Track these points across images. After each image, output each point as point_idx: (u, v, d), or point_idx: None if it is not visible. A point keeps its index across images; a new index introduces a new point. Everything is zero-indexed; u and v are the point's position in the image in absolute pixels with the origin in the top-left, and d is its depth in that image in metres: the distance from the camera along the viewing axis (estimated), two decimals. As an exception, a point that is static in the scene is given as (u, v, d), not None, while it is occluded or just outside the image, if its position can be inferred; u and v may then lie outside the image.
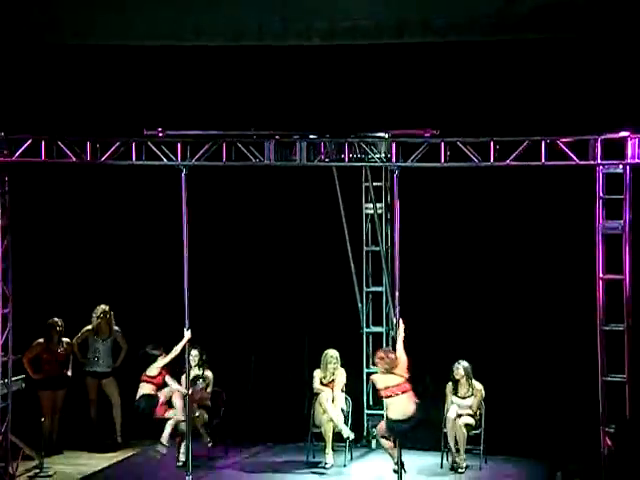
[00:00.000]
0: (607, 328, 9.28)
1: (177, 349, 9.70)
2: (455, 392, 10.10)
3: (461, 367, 10.06)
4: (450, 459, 10.03)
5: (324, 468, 10.05)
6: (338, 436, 10.28)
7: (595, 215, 9.30)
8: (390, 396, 9.26)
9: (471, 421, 10.02)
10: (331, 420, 10.08)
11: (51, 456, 10.36)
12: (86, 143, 9.53)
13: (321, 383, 10.32)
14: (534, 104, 9.99)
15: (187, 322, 9.54)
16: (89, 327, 10.95)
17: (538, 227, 10.52)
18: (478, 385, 10.11)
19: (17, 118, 10.09)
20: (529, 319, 10.55)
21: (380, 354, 9.40)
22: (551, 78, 9.98)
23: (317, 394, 10.23)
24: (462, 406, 10.05)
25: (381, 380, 9.33)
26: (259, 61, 10.36)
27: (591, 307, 9.36)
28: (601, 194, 9.31)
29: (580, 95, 9.86)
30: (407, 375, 9.29)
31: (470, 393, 10.07)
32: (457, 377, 10.09)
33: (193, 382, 10.06)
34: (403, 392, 9.23)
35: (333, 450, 10.16)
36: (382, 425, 9.52)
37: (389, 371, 9.26)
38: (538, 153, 9.21)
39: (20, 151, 9.52)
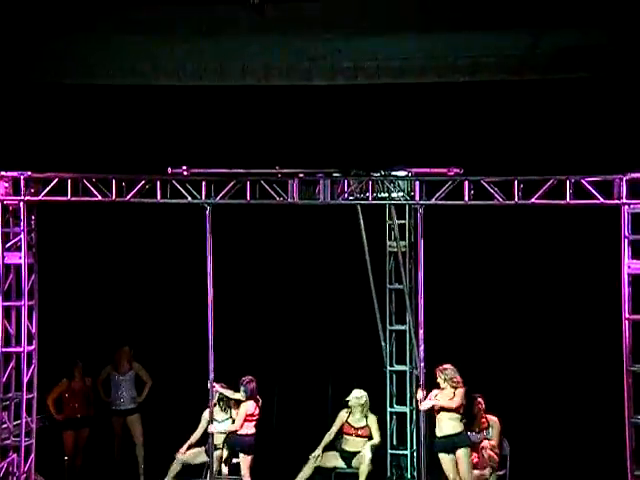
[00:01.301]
0: (634, 369, 9.21)
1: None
2: (470, 428, 10.01)
3: (480, 399, 9.97)
4: None
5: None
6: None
7: (621, 255, 9.25)
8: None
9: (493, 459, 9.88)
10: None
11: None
12: (111, 181, 9.59)
13: (348, 424, 10.23)
14: (559, 143, 10.00)
15: (211, 365, 9.50)
16: (109, 366, 10.98)
17: (563, 267, 10.49)
18: (494, 418, 10.02)
19: (43, 157, 10.18)
20: (555, 362, 10.47)
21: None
22: (576, 117, 10.00)
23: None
24: (478, 441, 9.93)
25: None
26: (284, 100, 10.43)
27: (617, 348, 9.29)
28: (626, 234, 9.27)
29: (605, 134, 9.87)
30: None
31: (486, 426, 9.98)
32: (475, 411, 9.98)
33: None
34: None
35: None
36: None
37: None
38: (563, 192, 9.19)
39: (47, 190, 9.59)
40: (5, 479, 9.45)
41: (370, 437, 10.25)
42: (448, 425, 9.54)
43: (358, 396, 10.25)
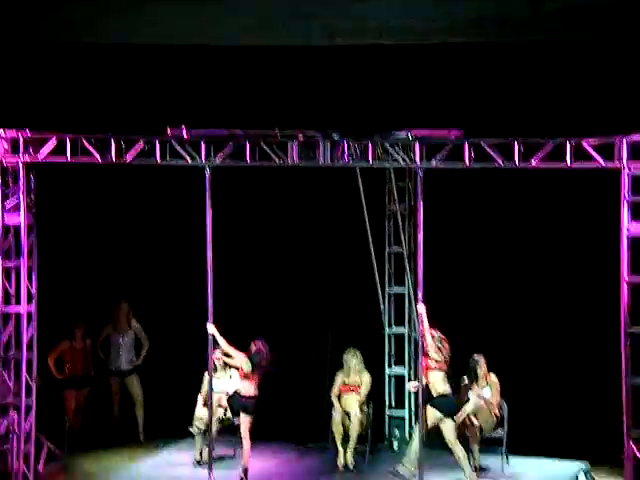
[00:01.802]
0: (632, 330, 9.24)
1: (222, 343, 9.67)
2: (470, 388, 10.06)
3: (482, 360, 10.02)
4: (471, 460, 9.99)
5: (345, 470, 10.04)
6: (360, 438, 10.27)
7: (620, 217, 9.25)
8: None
9: (476, 422, 9.92)
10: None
11: (74, 454, 10.41)
12: (110, 141, 9.56)
13: (343, 383, 10.30)
14: (560, 105, 9.95)
15: (210, 317, 9.53)
16: (109, 325, 11.01)
17: (562, 229, 10.48)
18: (495, 379, 10.07)
19: (42, 117, 10.13)
20: (553, 322, 10.51)
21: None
22: (578, 78, 9.94)
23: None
24: (480, 398, 9.98)
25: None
26: (284, 61, 10.37)
27: (616, 310, 9.32)
28: (626, 196, 9.26)
29: (606, 96, 9.81)
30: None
31: (485, 383, 10.04)
32: (480, 373, 10.04)
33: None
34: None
35: (354, 451, 10.14)
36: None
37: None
38: (563, 154, 9.17)
39: (45, 151, 9.55)
40: (6, 437, 9.50)
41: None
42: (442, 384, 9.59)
43: (350, 355, 10.28)
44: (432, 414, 9.59)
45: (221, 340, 9.65)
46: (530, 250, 10.63)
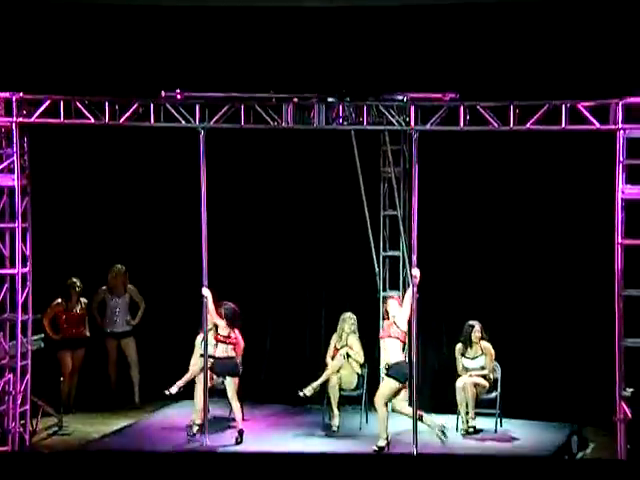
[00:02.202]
0: (625, 293, 9.27)
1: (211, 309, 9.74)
2: (463, 354, 10.12)
3: (478, 327, 10.07)
4: (463, 424, 10.06)
5: (336, 430, 10.10)
6: (355, 399, 10.33)
7: (615, 180, 9.25)
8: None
9: (482, 382, 10.02)
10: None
11: (69, 415, 10.46)
12: (104, 104, 9.52)
13: (336, 349, 10.34)
14: (555, 67, 9.91)
15: (205, 281, 9.56)
16: (104, 287, 11.03)
17: (557, 191, 10.48)
18: (487, 345, 10.13)
19: (35, 79, 10.09)
20: (546, 283, 10.54)
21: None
22: (574, 40, 9.90)
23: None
24: (473, 368, 10.06)
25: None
26: (278, 23, 10.31)
27: (610, 272, 9.34)
28: (621, 159, 9.25)
29: (602, 58, 9.78)
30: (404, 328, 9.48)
31: (480, 353, 10.09)
32: (474, 339, 10.10)
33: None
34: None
35: (340, 412, 10.18)
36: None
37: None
38: (558, 117, 9.15)
39: (39, 112, 9.52)
40: (2, 398, 9.55)
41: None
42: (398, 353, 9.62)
43: (344, 319, 10.33)
44: (390, 384, 9.61)
45: (210, 306, 9.68)
46: (525, 213, 10.63)
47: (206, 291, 9.58)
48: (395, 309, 9.70)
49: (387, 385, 9.66)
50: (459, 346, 10.17)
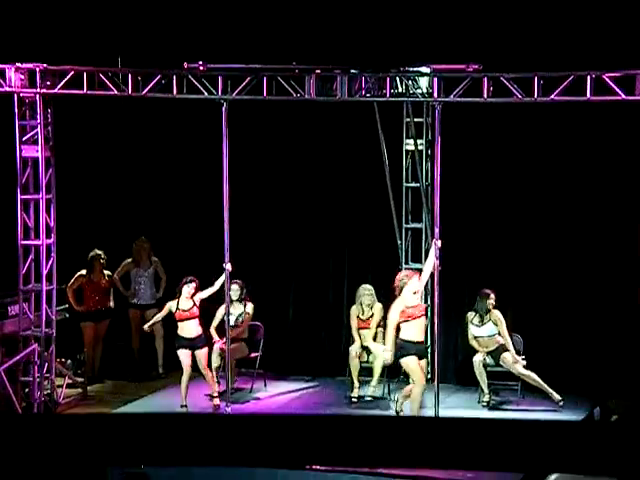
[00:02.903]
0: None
1: (217, 283, 9.82)
2: (472, 321, 10.05)
3: (492, 295, 10.01)
4: (484, 395, 10.04)
5: (359, 401, 10.13)
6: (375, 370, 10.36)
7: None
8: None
9: (507, 357, 9.96)
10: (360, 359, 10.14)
11: (93, 385, 10.55)
12: (127, 75, 9.54)
13: (359, 319, 10.37)
14: (580, 37, 9.82)
15: (227, 256, 9.60)
16: (129, 260, 11.08)
17: (582, 164, 10.41)
18: (498, 313, 10.04)
19: (59, 49, 10.11)
20: (571, 253, 10.48)
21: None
22: (598, 9, 9.79)
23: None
24: (481, 336, 9.97)
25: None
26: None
27: (633, 244, 9.28)
28: (647, 130, 9.18)
29: (627, 28, 9.67)
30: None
31: (488, 320, 10.03)
32: (489, 307, 10.02)
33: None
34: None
35: (360, 383, 10.20)
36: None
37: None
38: (583, 88, 9.08)
39: (62, 83, 9.55)
40: (27, 367, 9.65)
41: (378, 326, 10.30)
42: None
43: (361, 292, 10.31)
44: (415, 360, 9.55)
45: (218, 283, 9.71)
46: (549, 185, 10.57)
47: (228, 265, 9.62)
48: (419, 285, 9.59)
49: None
50: (470, 314, 10.13)
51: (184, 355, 9.86)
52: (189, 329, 9.87)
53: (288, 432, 3.96)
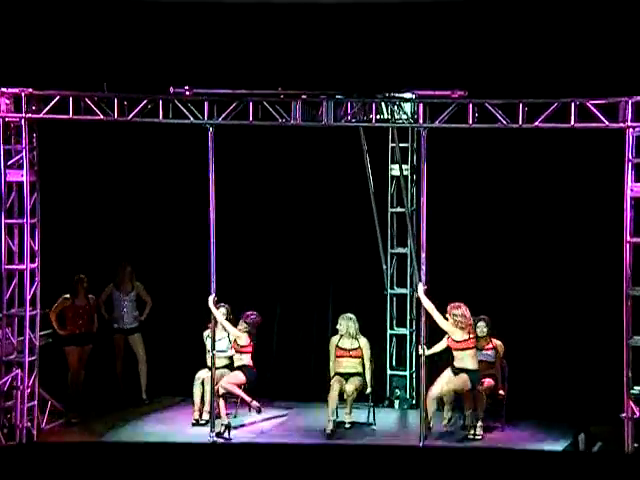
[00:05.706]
0: (633, 292, 9.26)
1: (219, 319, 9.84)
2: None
3: (483, 323, 10.04)
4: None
5: (336, 429, 10.05)
6: (364, 396, 10.32)
7: (624, 178, 9.24)
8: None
9: (492, 384, 9.99)
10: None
11: (76, 411, 10.47)
12: (113, 100, 9.54)
13: (340, 348, 10.26)
14: (564, 65, 9.91)
15: (213, 285, 9.55)
16: (111, 284, 11.05)
17: (565, 189, 10.48)
18: (498, 342, 10.11)
19: (45, 74, 10.11)
20: (554, 281, 10.53)
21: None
22: (582, 39, 9.89)
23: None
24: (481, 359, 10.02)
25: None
26: (287, 20, 10.31)
27: (618, 270, 9.33)
28: (630, 157, 9.25)
29: (611, 56, 9.77)
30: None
31: (490, 348, 10.05)
32: (480, 334, 10.06)
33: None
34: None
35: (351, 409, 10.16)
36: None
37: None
38: (567, 115, 9.15)
39: (48, 108, 9.54)
40: (9, 394, 9.57)
41: (362, 358, 10.26)
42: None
43: (342, 322, 10.27)
44: (463, 381, 9.61)
45: (226, 323, 9.78)
46: (533, 211, 10.63)
47: (213, 303, 9.59)
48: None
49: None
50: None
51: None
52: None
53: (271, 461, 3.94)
